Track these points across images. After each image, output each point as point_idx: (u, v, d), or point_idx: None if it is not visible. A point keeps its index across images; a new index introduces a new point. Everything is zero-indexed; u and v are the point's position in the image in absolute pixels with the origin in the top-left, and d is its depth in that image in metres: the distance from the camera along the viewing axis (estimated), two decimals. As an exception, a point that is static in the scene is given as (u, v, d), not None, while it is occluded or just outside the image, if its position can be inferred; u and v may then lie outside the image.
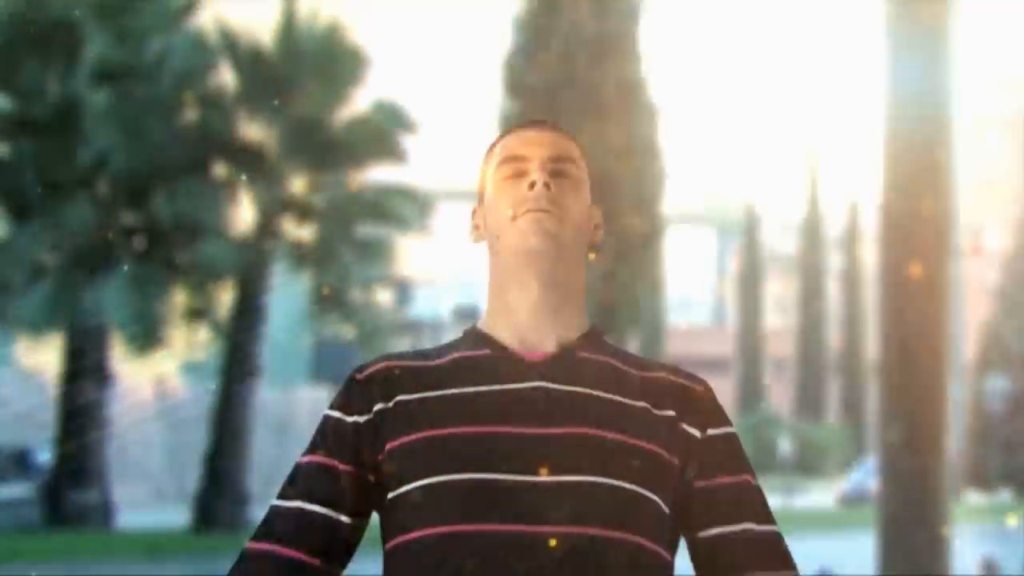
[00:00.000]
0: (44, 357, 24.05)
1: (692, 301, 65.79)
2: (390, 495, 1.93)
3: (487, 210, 2.00)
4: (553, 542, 1.83)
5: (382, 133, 22.93)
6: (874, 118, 9.22)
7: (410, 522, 1.89)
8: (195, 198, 21.39)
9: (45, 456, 23.73)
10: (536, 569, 1.82)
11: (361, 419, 1.97)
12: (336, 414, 1.99)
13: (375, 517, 2.05)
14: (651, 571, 1.89)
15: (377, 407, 1.96)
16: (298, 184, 23.00)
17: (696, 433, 1.96)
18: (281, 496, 1.99)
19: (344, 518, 1.95)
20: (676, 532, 1.98)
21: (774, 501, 2.08)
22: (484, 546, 1.83)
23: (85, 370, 21.86)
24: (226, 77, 22.65)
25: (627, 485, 1.87)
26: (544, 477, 1.85)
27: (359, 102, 23.22)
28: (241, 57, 22.37)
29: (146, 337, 21.52)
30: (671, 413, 1.95)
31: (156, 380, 29.74)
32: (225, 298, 22.85)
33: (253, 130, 22.70)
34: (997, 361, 42.02)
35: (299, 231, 22.97)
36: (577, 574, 1.82)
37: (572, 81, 25.10)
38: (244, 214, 22.69)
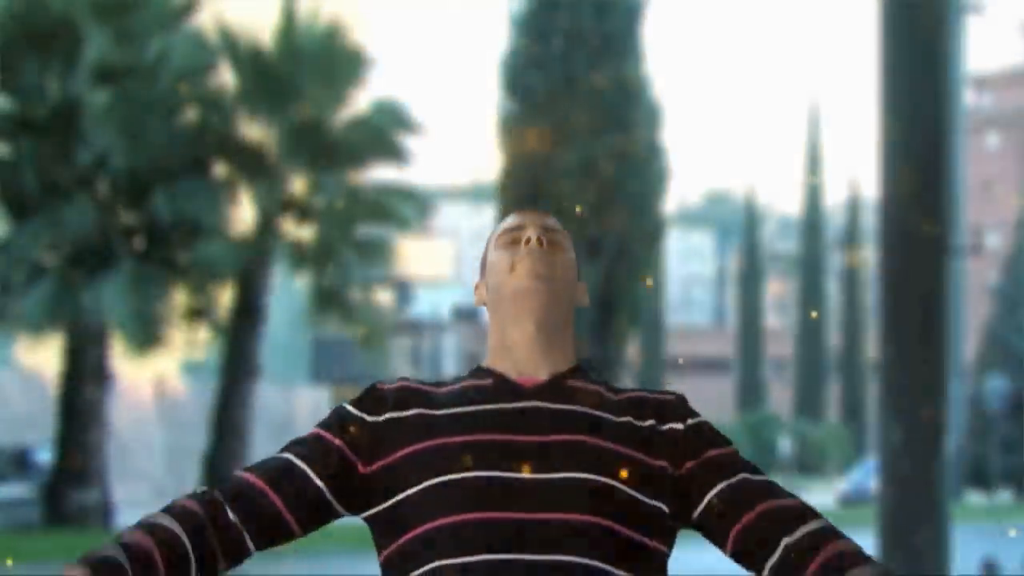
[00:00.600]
0: (44, 357, 24.07)
1: (692, 301, 65.86)
2: (403, 494, 2.16)
3: (489, 270, 2.32)
4: (548, 525, 2.10)
5: (382, 133, 22.93)
6: (873, 118, 9.22)
7: (425, 514, 2.13)
8: (195, 198, 21.38)
9: (45, 456, 23.74)
10: (534, 548, 2.08)
11: (369, 418, 2.22)
12: (349, 406, 2.26)
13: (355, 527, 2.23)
14: (637, 555, 2.13)
15: (389, 414, 2.22)
16: (298, 184, 23.00)
17: (678, 426, 2.22)
18: (279, 451, 2.28)
19: (320, 483, 2.19)
20: (672, 529, 2.21)
21: (774, 501, 2.13)
22: (491, 530, 2.09)
23: (85, 370, 21.86)
24: (226, 77, 22.65)
25: (612, 482, 2.14)
26: (540, 475, 2.12)
27: (359, 102, 23.24)
28: (241, 57, 22.37)
29: (146, 337, 21.51)
30: (651, 422, 2.22)
31: (156, 380, 29.77)
32: (225, 298, 22.84)
33: (253, 130, 22.70)
34: (997, 361, 42.04)
35: (299, 231, 22.96)
36: (568, 552, 2.08)
37: (572, 81, 25.11)
38: (244, 214, 22.69)
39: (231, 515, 2.17)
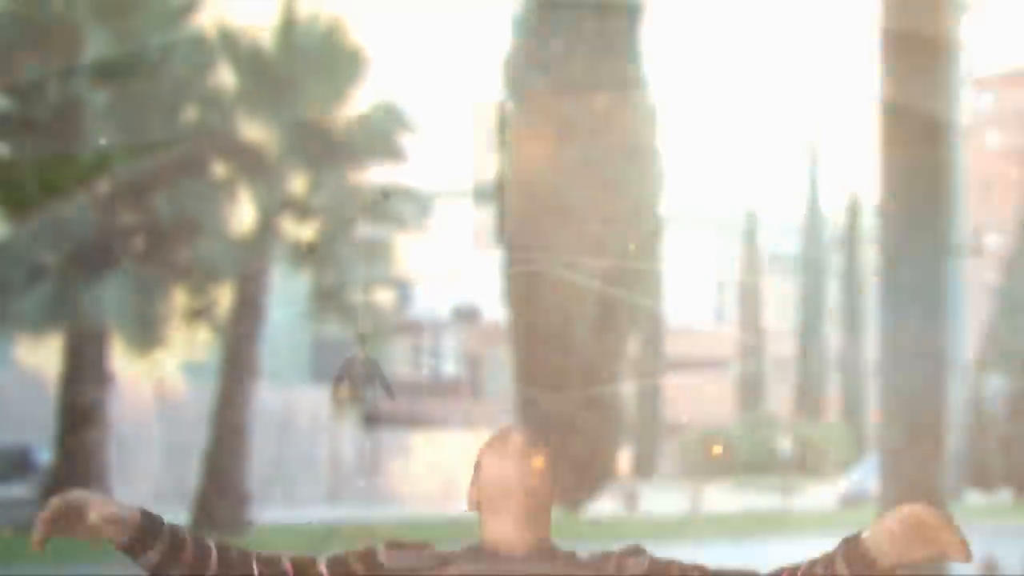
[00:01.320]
0: (44, 357, 24.05)
1: (692, 301, 65.74)
2: None
3: (483, 478, 2.86)
4: None
5: (382, 133, 22.93)
6: (873, 118, 9.21)
7: None
8: (195, 198, 21.38)
9: (45, 456, 23.72)
10: None
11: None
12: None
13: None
14: None
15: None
16: (298, 184, 23.00)
17: (639, 571, 2.81)
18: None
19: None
20: None
21: (774, 501, 2.18)
22: None
23: (85, 370, 21.85)
24: (226, 77, 22.63)
25: None
26: None
27: (359, 102, 23.22)
28: (241, 57, 22.36)
29: (146, 337, 21.51)
30: (612, 572, 2.81)
31: (156, 380, 29.75)
32: (225, 298, 22.83)
33: (253, 130, 22.69)
34: (997, 361, 41.99)
35: (299, 231, 22.96)
36: None
37: (572, 81, 25.10)
38: (244, 214, 22.68)
39: (215, 565, 2.81)
